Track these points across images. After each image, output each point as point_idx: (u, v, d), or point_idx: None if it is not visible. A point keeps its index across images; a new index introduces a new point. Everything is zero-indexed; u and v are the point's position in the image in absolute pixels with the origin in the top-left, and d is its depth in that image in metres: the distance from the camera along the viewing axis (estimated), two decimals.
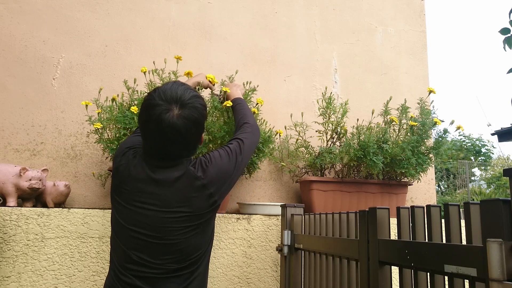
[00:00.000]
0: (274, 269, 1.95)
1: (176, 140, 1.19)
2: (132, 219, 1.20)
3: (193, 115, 1.19)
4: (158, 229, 1.18)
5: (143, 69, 2.03)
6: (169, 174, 1.22)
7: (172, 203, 1.20)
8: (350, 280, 1.28)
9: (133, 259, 1.18)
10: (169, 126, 1.16)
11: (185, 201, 1.21)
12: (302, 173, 2.42)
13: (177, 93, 1.19)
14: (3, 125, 2.22)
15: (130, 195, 1.22)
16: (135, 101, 1.99)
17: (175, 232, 1.19)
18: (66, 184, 1.95)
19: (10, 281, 1.67)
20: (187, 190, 1.21)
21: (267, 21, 2.72)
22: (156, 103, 1.17)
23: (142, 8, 2.52)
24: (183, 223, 1.20)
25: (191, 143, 1.24)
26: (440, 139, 2.34)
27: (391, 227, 1.13)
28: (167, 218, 1.19)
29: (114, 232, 1.25)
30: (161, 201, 1.20)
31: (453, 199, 11.05)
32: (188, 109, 1.19)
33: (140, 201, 1.21)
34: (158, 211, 1.19)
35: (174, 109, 1.17)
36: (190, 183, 1.22)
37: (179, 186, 1.21)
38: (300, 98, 2.67)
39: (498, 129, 7.01)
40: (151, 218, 1.19)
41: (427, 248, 0.90)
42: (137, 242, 1.19)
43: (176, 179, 1.22)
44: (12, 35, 2.31)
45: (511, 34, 2.50)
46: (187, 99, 1.20)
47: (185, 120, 1.18)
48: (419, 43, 2.96)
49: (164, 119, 1.16)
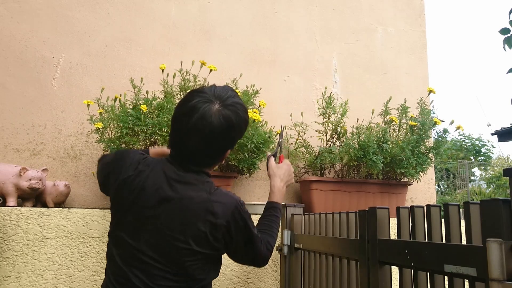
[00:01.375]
0: (274, 269, 1.95)
1: (203, 136, 1.09)
2: (136, 235, 1.11)
3: (232, 118, 1.11)
4: (157, 251, 1.08)
5: (162, 67, 2.04)
6: (186, 193, 1.10)
7: (177, 227, 1.08)
8: (350, 280, 1.28)
9: (128, 277, 1.09)
10: (202, 117, 1.08)
11: (189, 229, 1.08)
12: (302, 173, 2.42)
13: (227, 93, 1.14)
14: (3, 125, 2.22)
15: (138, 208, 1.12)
16: (140, 100, 1.99)
17: (172, 258, 1.08)
18: (66, 184, 1.95)
19: (10, 281, 1.67)
20: (196, 217, 1.08)
21: (267, 21, 2.72)
22: (202, 91, 1.13)
23: (142, 8, 2.53)
24: (181, 251, 1.08)
25: (214, 148, 1.13)
26: (440, 139, 2.34)
27: (391, 227, 1.13)
28: (167, 242, 1.08)
29: (112, 244, 1.16)
30: (167, 221, 1.09)
31: (453, 199, 11.05)
32: (229, 110, 1.11)
33: (147, 216, 1.10)
34: (161, 232, 1.09)
35: (215, 104, 1.10)
36: (203, 213, 1.09)
37: (191, 210, 1.09)
38: (300, 98, 2.67)
39: (498, 129, 7.00)
40: (154, 238, 1.09)
41: (427, 248, 0.90)
42: (138, 260, 1.10)
43: (191, 201, 1.10)
44: (12, 35, 2.31)
45: (511, 34, 2.50)
46: (233, 102, 1.13)
47: (221, 119, 1.09)
48: (419, 43, 2.96)
49: (200, 108, 1.08)
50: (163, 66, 2.05)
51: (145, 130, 1.90)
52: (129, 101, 2.04)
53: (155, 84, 2.16)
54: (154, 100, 1.98)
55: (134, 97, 2.03)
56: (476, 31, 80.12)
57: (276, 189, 1.45)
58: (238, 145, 1.94)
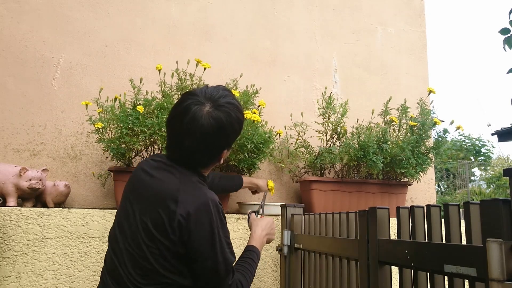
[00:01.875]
0: (274, 269, 1.95)
1: (195, 138, 1.09)
2: (119, 223, 1.14)
3: (222, 119, 1.09)
4: (131, 236, 1.09)
5: (158, 67, 2.05)
6: (161, 176, 1.12)
7: (143, 210, 1.09)
8: (350, 280, 1.28)
9: (114, 265, 1.11)
10: (193, 119, 1.08)
11: (152, 211, 1.08)
12: (302, 173, 2.42)
13: (218, 93, 1.12)
14: (3, 125, 2.22)
15: (126, 196, 1.17)
16: (140, 100, 1.99)
17: (138, 244, 1.08)
18: (66, 184, 1.95)
19: (10, 281, 1.67)
20: (159, 199, 1.08)
21: (267, 21, 2.72)
22: (193, 93, 1.12)
23: (142, 8, 2.52)
24: (144, 235, 1.07)
25: (209, 149, 1.13)
26: (440, 139, 2.34)
27: (391, 227, 1.13)
28: (136, 226, 1.09)
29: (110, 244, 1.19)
30: (139, 204, 1.10)
31: (453, 199, 11.06)
32: (220, 111, 1.10)
33: (129, 200, 1.14)
34: (133, 215, 1.10)
35: (206, 105, 1.10)
36: (166, 196, 1.08)
37: (156, 192, 1.10)
38: (300, 98, 2.67)
39: (498, 129, 7.00)
40: (128, 220, 1.11)
41: (427, 248, 0.90)
42: (116, 246, 1.11)
43: (161, 183, 1.10)
44: (12, 35, 2.31)
45: (511, 34, 2.50)
46: (224, 102, 1.11)
47: (211, 120, 1.08)
48: (419, 43, 2.96)
49: (190, 110, 1.08)
50: (159, 66, 2.04)
51: (144, 130, 1.90)
52: (128, 101, 2.04)
53: (155, 84, 2.16)
54: (153, 101, 1.98)
55: (134, 97, 2.03)
56: (476, 31, 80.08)
57: (257, 236, 1.40)
58: (237, 145, 1.94)
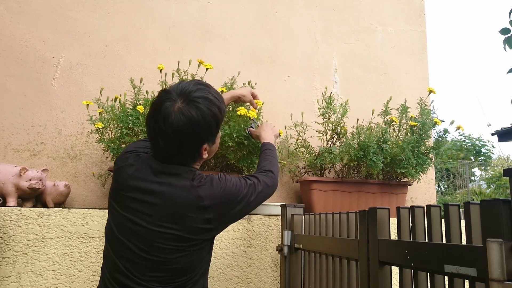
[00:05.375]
0: (274, 269, 1.95)
1: (168, 137, 1.08)
2: (123, 226, 1.11)
3: (193, 115, 1.07)
4: (145, 242, 1.08)
5: (160, 67, 2.05)
6: (169, 183, 1.11)
7: (164, 218, 1.08)
8: (350, 280, 1.28)
9: (120, 269, 1.09)
10: (164, 117, 1.06)
11: (178, 219, 1.08)
12: (302, 173, 2.42)
13: (188, 88, 1.10)
14: (3, 125, 2.22)
15: (126, 200, 1.12)
16: (140, 100, 1.99)
17: (162, 249, 1.08)
18: (66, 184, 1.95)
19: (10, 281, 1.67)
20: (184, 206, 1.09)
21: (267, 21, 2.72)
22: (167, 91, 1.11)
23: (142, 8, 2.52)
24: (172, 242, 1.08)
25: (185, 146, 1.11)
26: (440, 139, 2.34)
27: (391, 227, 1.13)
28: (155, 232, 1.08)
29: (106, 240, 1.17)
30: (153, 212, 1.09)
31: (453, 199, 11.05)
32: (190, 107, 1.07)
33: (134, 208, 1.11)
34: (148, 222, 1.09)
35: (177, 102, 1.08)
36: (189, 201, 1.09)
37: (176, 200, 1.09)
38: (300, 98, 2.67)
39: (498, 129, 7.01)
40: (140, 229, 1.09)
41: (427, 248, 0.90)
42: (126, 251, 1.10)
43: (175, 191, 1.10)
44: (12, 35, 2.31)
45: (511, 34, 2.50)
46: (195, 97, 1.09)
47: (182, 117, 1.06)
48: (419, 43, 2.96)
49: (162, 108, 1.07)
50: (161, 66, 2.05)
51: (145, 130, 1.90)
52: (129, 101, 2.04)
53: (155, 84, 2.16)
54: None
55: (134, 97, 2.03)
56: (476, 31, 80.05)
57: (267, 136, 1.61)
58: (236, 144, 1.93)
